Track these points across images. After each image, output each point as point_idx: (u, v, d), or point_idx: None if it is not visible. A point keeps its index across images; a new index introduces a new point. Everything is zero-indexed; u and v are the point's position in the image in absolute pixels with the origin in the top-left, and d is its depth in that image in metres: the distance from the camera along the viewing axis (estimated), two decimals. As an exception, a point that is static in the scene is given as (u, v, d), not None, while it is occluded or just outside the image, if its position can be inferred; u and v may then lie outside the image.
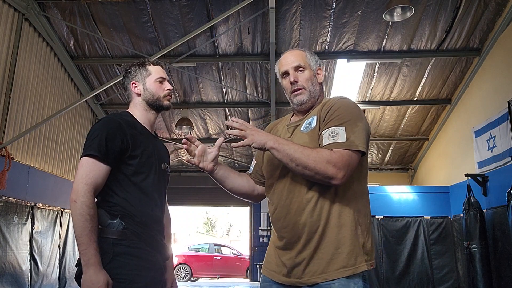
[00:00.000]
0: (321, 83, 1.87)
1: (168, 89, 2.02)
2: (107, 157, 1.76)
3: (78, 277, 1.73)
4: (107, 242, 1.73)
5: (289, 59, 1.84)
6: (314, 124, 1.73)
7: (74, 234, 1.70)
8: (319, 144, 1.66)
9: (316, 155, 1.56)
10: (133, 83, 2.01)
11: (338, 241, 1.60)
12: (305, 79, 1.81)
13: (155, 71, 2.02)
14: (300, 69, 1.82)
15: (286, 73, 1.84)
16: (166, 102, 2.02)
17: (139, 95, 2.00)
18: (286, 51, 1.91)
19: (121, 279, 1.70)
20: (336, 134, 1.60)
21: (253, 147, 1.65)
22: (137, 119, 1.97)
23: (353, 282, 1.57)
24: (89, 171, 1.74)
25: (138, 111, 2.00)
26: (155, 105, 2.00)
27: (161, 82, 2.02)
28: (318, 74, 1.87)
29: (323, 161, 1.54)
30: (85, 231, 1.66)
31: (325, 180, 1.57)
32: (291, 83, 1.81)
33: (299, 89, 1.80)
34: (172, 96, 2.09)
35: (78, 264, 1.74)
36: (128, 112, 2.00)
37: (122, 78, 2.09)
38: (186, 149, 1.84)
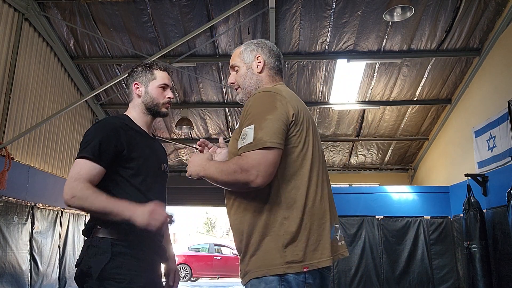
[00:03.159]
0: (259, 73, 1.76)
1: (169, 97, 2.01)
2: (100, 159, 1.76)
3: (78, 277, 1.73)
4: (106, 242, 1.73)
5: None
6: (237, 126, 1.72)
7: (97, 214, 1.72)
8: None
9: (226, 168, 1.52)
10: (135, 84, 2.00)
11: (258, 243, 1.53)
12: (238, 76, 1.81)
13: (160, 77, 2.01)
14: (236, 68, 1.82)
15: None
16: (163, 110, 2.01)
17: (139, 96, 2.00)
18: None
19: (120, 279, 1.70)
20: (246, 136, 1.52)
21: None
22: (135, 121, 1.97)
23: (264, 282, 1.49)
24: (80, 169, 1.73)
25: (136, 112, 2.00)
26: (152, 110, 1.99)
27: (163, 89, 2.00)
28: (259, 63, 1.76)
29: (231, 172, 1.50)
30: (101, 203, 1.68)
31: (244, 187, 1.50)
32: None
33: (236, 89, 1.83)
34: (171, 104, 2.09)
35: (78, 264, 1.75)
36: (125, 115, 2.00)
37: (126, 75, 2.07)
38: (200, 151, 1.84)
